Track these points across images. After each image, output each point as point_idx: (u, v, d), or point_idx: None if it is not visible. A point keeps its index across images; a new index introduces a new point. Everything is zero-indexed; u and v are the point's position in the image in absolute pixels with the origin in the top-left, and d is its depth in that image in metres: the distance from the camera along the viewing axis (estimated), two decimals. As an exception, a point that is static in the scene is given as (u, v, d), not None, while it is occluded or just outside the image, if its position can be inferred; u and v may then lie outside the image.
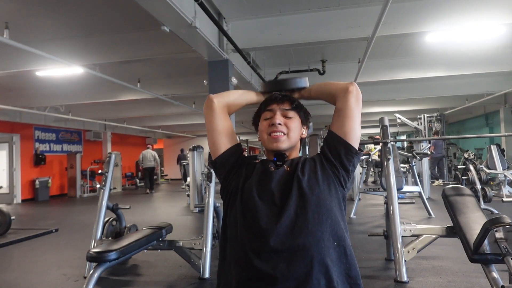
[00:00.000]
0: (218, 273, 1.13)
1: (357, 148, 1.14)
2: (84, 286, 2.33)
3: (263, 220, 1.02)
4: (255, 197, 1.06)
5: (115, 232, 3.99)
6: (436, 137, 10.26)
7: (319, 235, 0.99)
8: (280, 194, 1.06)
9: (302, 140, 1.25)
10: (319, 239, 0.99)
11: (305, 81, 1.33)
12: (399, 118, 10.55)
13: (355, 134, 1.13)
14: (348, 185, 1.15)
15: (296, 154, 1.23)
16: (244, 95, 1.31)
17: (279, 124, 1.16)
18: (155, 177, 16.25)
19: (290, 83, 1.32)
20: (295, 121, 1.19)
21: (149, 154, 12.07)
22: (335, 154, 1.13)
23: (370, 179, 11.35)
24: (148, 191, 12.01)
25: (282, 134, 1.15)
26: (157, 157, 12.35)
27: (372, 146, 12.40)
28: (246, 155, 1.28)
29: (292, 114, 1.19)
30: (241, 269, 1.01)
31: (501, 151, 10.06)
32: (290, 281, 0.95)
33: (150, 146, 12.77)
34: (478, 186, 6.16)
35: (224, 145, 1.19)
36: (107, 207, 3.72)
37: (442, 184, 10.55)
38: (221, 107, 1.22)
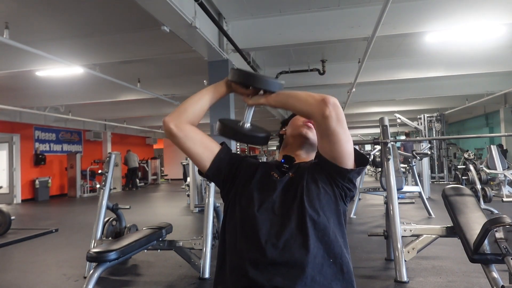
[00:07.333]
0: (216, 278, 1.12)
1: (350, 166, 1.07)
2: (84, 286, 2.33)
3: (262, 231, 1.01)
4: (255, 206, 1.05)
5: (115, 232, 3.99)
6: (408, 138, 10.18)
7: (315, 252, 0.99)
8: (281, 205, 1.06)
9: None
10: (315, 256, 0.98)
11: (279, 86, 1.11)
12: (399, 118, 10.53)
13: (345, 155, 1.05)
14: (348, 199, 1.13)
15: (307, 158, 1.24)
16: (201, 99, 1.15)
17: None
18: (154, 177, 16.59)
19: (262, 82, 1.09)
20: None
21: (132, 156, 13.84)
22: (329, 177, 1.10)
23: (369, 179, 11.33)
24: (127, 188, 13.62)
25: (313, 129, 1.20)
26: (137, 158, 14.37)
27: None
28: (239, 153, 1.28)
29: None
30: (237, 278, 1.00)
31: (504, 152, 10.03)
32: None
33: (130, 150, 14.30)
34: (478, 186, 6.16)
35: (207, 158, 1.14)
36: (107, 207, 3.71)
37: None
38: (182, 129, 1.10)
